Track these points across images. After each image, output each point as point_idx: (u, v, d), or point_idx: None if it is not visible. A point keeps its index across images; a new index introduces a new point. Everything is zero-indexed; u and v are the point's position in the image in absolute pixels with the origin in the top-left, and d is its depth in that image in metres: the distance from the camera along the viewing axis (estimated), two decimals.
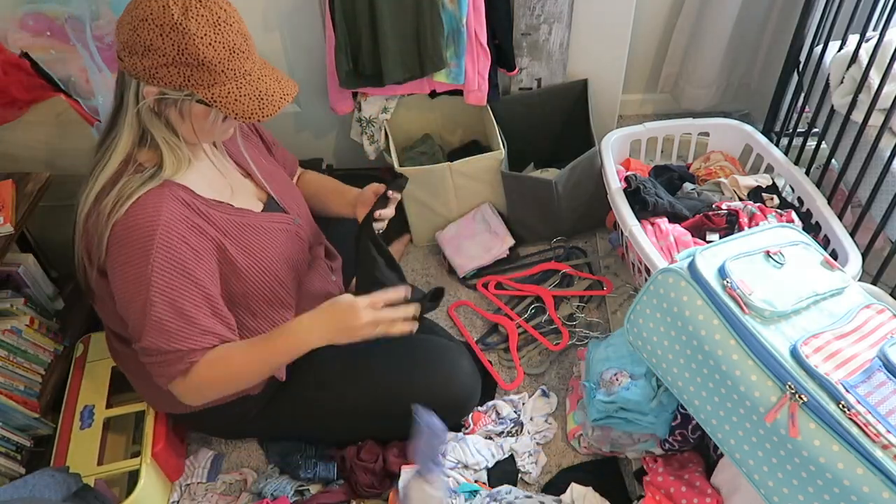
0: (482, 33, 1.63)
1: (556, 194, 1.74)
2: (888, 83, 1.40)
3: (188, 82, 1.01)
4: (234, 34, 1.02)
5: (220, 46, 1.00)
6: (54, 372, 1.50)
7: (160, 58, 0.99)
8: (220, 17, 1.00)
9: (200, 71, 1.00)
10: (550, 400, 1.53)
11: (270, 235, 1.23)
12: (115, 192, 1.05)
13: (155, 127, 1.07)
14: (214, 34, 0.99)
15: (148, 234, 1.04)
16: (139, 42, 0.99)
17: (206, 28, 0.99)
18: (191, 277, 1.08)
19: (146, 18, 0.98)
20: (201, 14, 0.98)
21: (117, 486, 1.38)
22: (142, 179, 1.07)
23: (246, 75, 1.05)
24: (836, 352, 1.03)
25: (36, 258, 1.57)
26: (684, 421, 1.29)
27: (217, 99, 1.03)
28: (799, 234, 1.27)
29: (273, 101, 1.07)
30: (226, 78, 1.03)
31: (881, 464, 0.91)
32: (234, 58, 1.02)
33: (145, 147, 1.09)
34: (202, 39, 0.98)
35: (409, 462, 1.38)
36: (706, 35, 1.97)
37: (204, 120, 1.08)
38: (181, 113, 1.06)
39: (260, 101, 1.05)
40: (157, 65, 1.00)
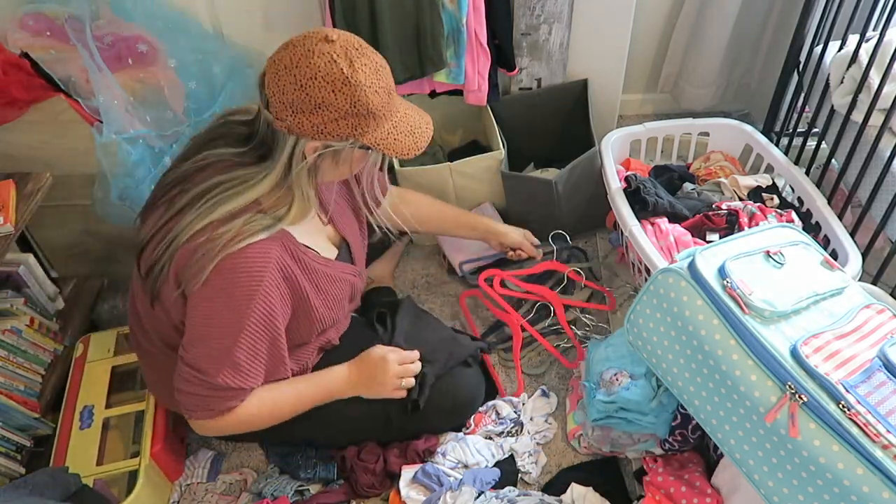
0: (482, 33, 1.63)
1: (556, 194, 1.74)
2: (888, 83, 1.40)
3: (355, 132, 1.02)
4: (388, 77, 1.04)
5: (383, 92, 1.02)
6: (54, 372, 1.50)
7: (332, 113, 0.99)
8: (377, 64, 1.02)
9: (368, 119, 1.02)
10: (550, 400, 1.53)
11: (340, 285, 1.24)
12: (235, 226, 1.03)
13: (301, 180, 1.07)
14: (377, 80, 1.01)
15: (256, 281, 1.05)
16: (309, 100, 0.98)
17: (371, 77, 1.00)
18: (278, 330, 1.11)
19: (315, 76, 0.97)
20: (364, 64, 1.00)
21: (117, 487, 1.38)
22: (264, 224, 1.06)
23: (396, 113, 1.07)
24: (836, 352, 1.03)
25: (36, 258, 1.57)
26: (684, 421, 1.29)
27: (379, 142, 1.04)
28: (799, 234, 1.27)
29: (423, 134, 1.09)
30: (384, 120, 1.04)
31: (881, 464, 0.91)
32: (390, 99, 1.04)
33: (277, 193, 1.08)
34: (370, 88, 1.00)
35: (409, 462, 1.39)
36: (706, 35, 1.97)
37: (362, 163, 1.11)
38: (336, 161, 1.07)
39: (413, 136, 1.07)
40: (327, 120, 1.00)
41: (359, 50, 1.00)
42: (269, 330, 1.10)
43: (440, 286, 1.83)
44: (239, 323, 1.06)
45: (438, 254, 1.89)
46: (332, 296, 1.22)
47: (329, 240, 1.28)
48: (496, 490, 1.34)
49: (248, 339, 1.08)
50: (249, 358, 1.10)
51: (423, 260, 1.91)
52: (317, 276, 1.18)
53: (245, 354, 1.09)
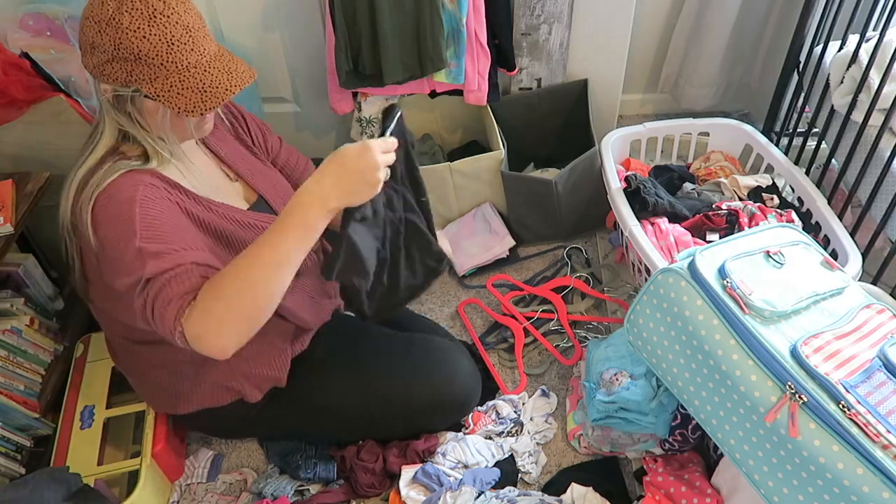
0: (482, 33, 1.63)
1: (556, 194, 1.74)
2: (888, 83, 1.40)
3: (131, 77, 1.01)
4: (172, 26, 1.00)
5: (156, 39, 0.99)
6: (54, 372, 1.50)
7: (102, 54, 1.00)
8: (156, 10, 0.99)
9: (140, 65, 1.00)
10: (550, 400, 1.53)
11: (254, 233, 1.20)
12: (99, 175, 1.05)
13: (124, 123, 1.07)
14: (149, 27, 0.98)
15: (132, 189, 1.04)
16: (85, 40, 1.01)
17: (140, 21, 0.98)
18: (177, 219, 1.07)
19: (88, 16, 0.99)
20: (135, 7, 0.98)
21: (117, 487, 1.38)
22: (127, 165, 1.07)
23: (190, 68, 1.03)
24: (836, 352, 1.03)
25: (36, 258, 1.57)
26: (684, 421, 1.29)
27: (160, 93, 1.02)
28: (799, 234, 1.27)
29: (217, 94, 1.04)
30: (167, 72, 1.01)
31: (881, 464, 0.91)
32: (173, 51, 1.00)
33: (130, 143, 1.10)
34: (135, 33, 0.98)
35: (409, 462, 1.39)
36: (706, 35, 1.97)
37: (155, 115, 1.07)
38: (137, 109, 1.06)
39: (203, 93, 1.03)
40: (101, 62, 1.00)
41: None
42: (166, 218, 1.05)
43: (440, 286, 1.83)
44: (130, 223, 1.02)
45: None
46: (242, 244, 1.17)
47: (241, 196, 1.27)
48: (496, 490, 1.34)
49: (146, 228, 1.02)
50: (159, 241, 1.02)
51: None
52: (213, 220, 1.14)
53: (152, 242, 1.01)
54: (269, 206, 1.30)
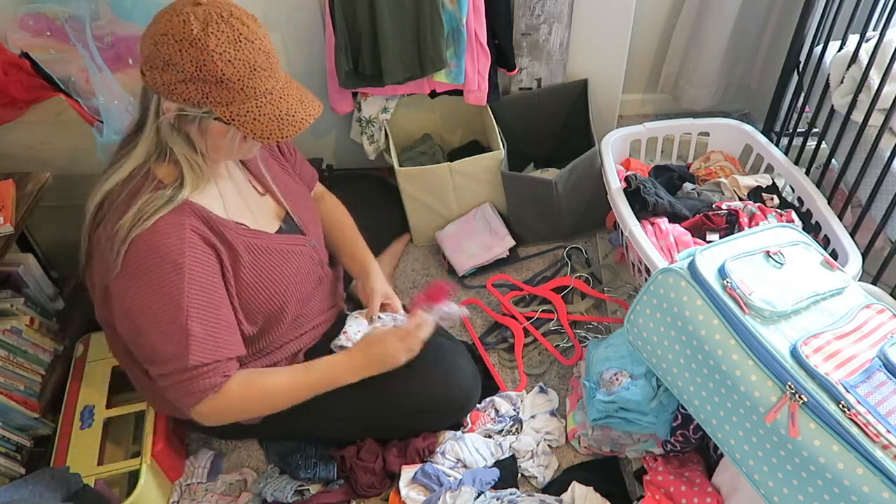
0: (482, 33, 1.63)
1: (556, 194, 1.74)
2: (888, 83, 1.40)
3: (206, 99, 1.00)
4: (255, 52, 0.99)
5: (240, 64, 0.98)
6: (54, 372, 1.50)
7: (179, 73, 0.98)
8: (241, 34, 0.98)
9: (219, 88, 0.99)
10: (550, 396, 1.52)
11: (284, 258, 1.23)
12: (135, 209, 1.04)
13: (175, 143, 1.06)
14: (234, 51, 0.97)
15: (177, 251, 1.04)
16: (159, 56, 0.98)
17: (226, 45, 0.97)
18: (220, 293, 1.11)
19: (167, 33, 0.97)
20: (222, 30, 0.97)
21: (117, 487, 1.38)
22: (163, 199, 1.06)
23: (266, 94, 1.03)
24: (836, 352, 1.03)
25: (36, 258, 1.57)
26: (685, 421, 1.28)
27: (235, 117, 1.01)
28: (799, 234, 1.27)
29: (294, 122, 1.04)
30: (245, 96, 1.01)
31: (881, 464, 0.91)
32: (254, 76, 1.00)
33: (164, 162, 1.08)
34: (221, 56, 0.97)
35: (408, 462, 1.39)
36: (706, 35, 1.97)
37: (222, 138, 1.06)
38: (200, 130, 1.05)
39: (280, 121, 1.03)
40: (175, 80, 0.98)
41: (223, 17, 0.97)
42: (211, 294, 1.08)
43: None
44: (178, 296, 1.04)
45: (438, 254, 1.89)
46: (274, 270, 1.20)
47: (272, 213, 1.27)
48: (496, 490, 1.34)
49: (195, 308, 1.06)
50: (205, 327, 1.07)
51: (423, 260, 1.91)
52: (247, 249, 1.16)
53: (199, 325, 1.06)
54: (295, 224, 1.30)
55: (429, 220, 1.87)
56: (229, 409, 1.15)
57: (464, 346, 1.55)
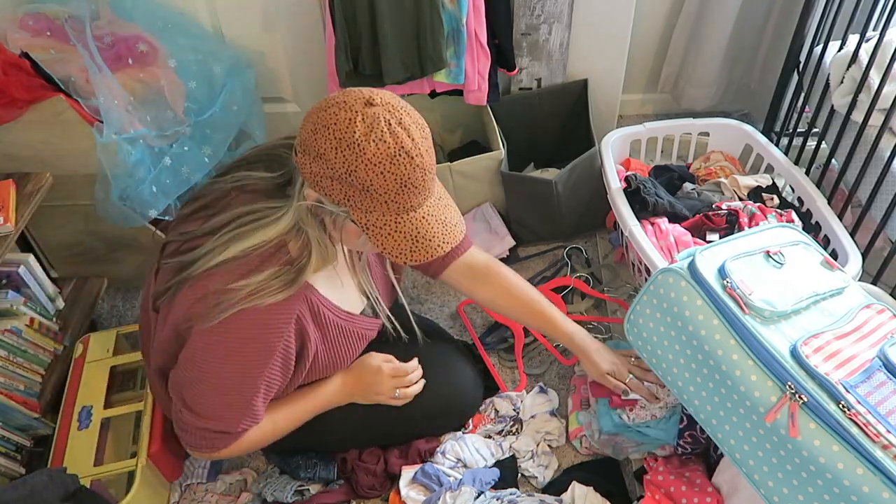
0: (482, 33, 1.63)
1: (556, 194, 1.74)
2: (888, 83, 1.40)
3: (348, 201, 0.95)
4: (412, 169, 0.93)
5: (392, 178, 0.92)
6: (54, 372, 1.50)
7: (328, 169, 0.93)
8: (403, 148, 0.92)
9: (363, 195, 0.94)
10: (550, 396, 1.52)
11: (358, 339, 1.23)
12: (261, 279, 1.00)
13: (309, 225, 1.02)
14: (390, 164, 0.91)
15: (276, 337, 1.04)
16: (314, 146, 0.93)
17: (384, 157, 0.91)
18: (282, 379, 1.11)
19: (328, 125, 0.92)
20: (384, 139, 0.91)
21: (115, 487, 1.38)
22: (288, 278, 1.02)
23: (409, 211, 0.97)
24: (836, 352, 1.03)
25: (36, 258, 1.57)
26: (691, 422, 1.28)
27: (370, 227, 0.97)
28: (799, 234, 1.27)
29: (430, 247, 0.98)
30: (387, 209, 0.95)
31: (881, 464, 0.91)
32: (402, 192, 0.94)
33: (298, 240, 1.04)
34: (375, 167, 0.91)
35: (409, 462, 1.39)
36: (706, 35, 1.97)
37: (354, 238, 1.03)
38: (333, 223, 1.02)
39: (415, 242, 0.98)
40: (323, 174, 0.94)
41: (390, 126, 0.91)
42: (279, 379, 1.11)
43: (440, 286, 1.83)
44: (258, 373, 1.06)
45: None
46: (343, 350, 1.20)
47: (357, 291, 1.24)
48: (496, 490, 1.34)
49: (265, 388, 1.09)
50: (262, 402, 1.12)
51: None
52: (331, 329, 1.15)
53: (261, 401, 1.11)
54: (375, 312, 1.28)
55: None
56: (240, 450, 1.17)
57: (464, 347, 1.55)
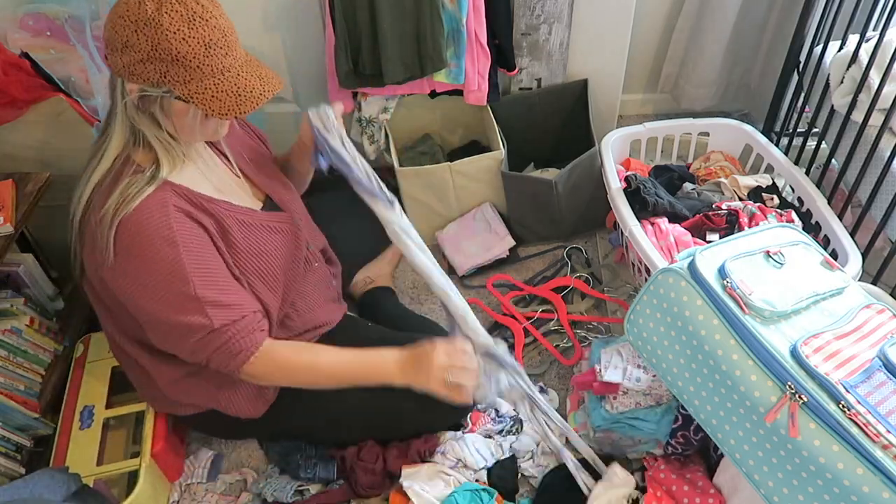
0: (482, 33, 1.63)
1: (556, 194, 1.74)
2: (888, 83, 1.40)
3: (165, 78, 1.01)
4: (210, 30, 1.01)
5: (195, 42, 0.99)
6: (54, 372, 1.50)
7: (136, 54, 0.99)
8: (195, 13, 0.99)
9: (176, 67, 1.00)
10: (550, 396, 1.53)
11: (271, 233, 1.24)
12: (117, 194, 1.05)
13: (143, 125, 1.07)
14: (189, 29, 0.98)
15: (166, 226, 1.05)
16: (118, 39, 0.99)
17: (180, 23, 0.98)
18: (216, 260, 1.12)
19: (123, 15, 0.98)
20: (175, 10, 0.98)
21: (117, 487, 1.38)
22: (144, 181, 1.07)
23: (224, 72, 1.04)
24: (836, 352, 1.03)
25: (36, 258, 1.57)
26: (686, 422, 1.28)
27: (194, 95, 1.02)
28: (799, 234, 1.27)
29: (252, 98, 1.06)
30: (202, 74, 1.02)
31: (881, 464, 0.91)
32: (210, 54, 1.01)
33: (140, 147, 1.09)
34: (175, 35, 0.98)
35: (409, 462, 1.39)
36: (706, 35, 1.97)
37: (184, 117, 1.07)
38: (163, 110, 1.06)
39: (238, 97, 1.04)
40: (134, 61, 0.99)
41: None
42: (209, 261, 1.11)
43: None
44: (179, 268, 1.06)
45: (438, 254, 1.89)
46: (260, 246, 1.20)
47: (251, 194, 1.28)
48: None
49: (198, 276, 1.08)
50: (214, 290, 1.10)
51: None
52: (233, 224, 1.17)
53: (208, 290, 1.09)
54: (275, 205, 1.31)
55: (429, 220, 1.87)
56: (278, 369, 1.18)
57: None
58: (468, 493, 1.31)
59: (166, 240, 1.05)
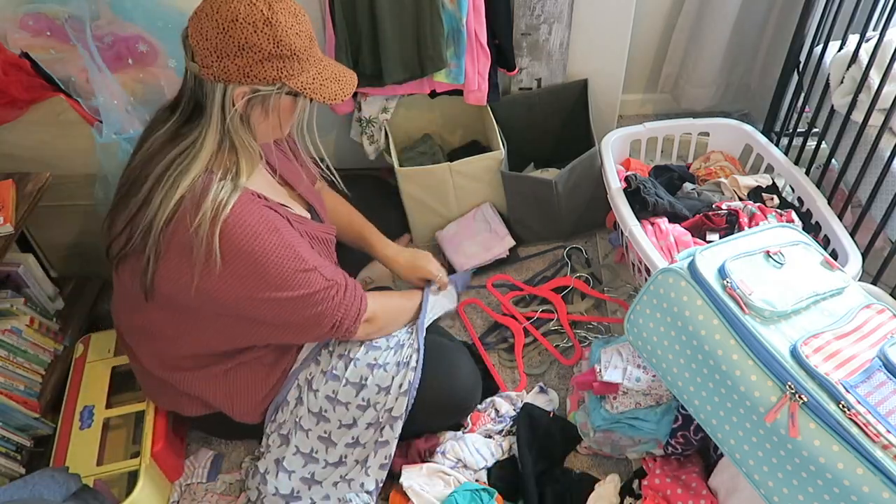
0: (482, 33, 1.63)
1: (556, 194, 1.74)
2: (888, 83, 1.40)
3: (281, 74, 1.04)
4: (307, 23, 1.07)
5: (304, 35, 1.05)
6: (54, 372, 1.50)
7: (256, 54, 1.01)
8: (295, 9, 1.05)
9: (292, 61, 1.04)
10: (550, 396, 1.52)
11: (318, 244, 1.27)
12: (209, 202, 1.05)
13: (238, 131, 1.08)
14: (297, 23, 1.04)
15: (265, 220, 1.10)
16: (232, 43, 1.00)
17: (291, 19, 1.03)
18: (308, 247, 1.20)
19: (236, 18, 1.00)
20: (284, 6, 1.03)
21: (117, 487, 1.38)
22: (230, 187, 1.08)
23: (321, 61, 1.10)
24: (836, 352, 1.03)
25: (36, 258, 1.57)
26: (686, 422, 1.28)
27: (306, 86, 1.07)
28: (799, 234, 1.27)
29: (348, 83, 1.12)
30: (310, 65, 1.07)
31: (881, 464, 0.91)
32: (312, 44, 1.08)
33: (223, 154, 1.10)
34: (290, 29, 1.02)
35: (409, 461, 1.39)
36: (706, 35, 1.97)
37: (291, 112, 1.12)
38: (266, 110, 1.09)
39: (338, 82, 1.11)
40: (252, 62, 1.02)
41: None
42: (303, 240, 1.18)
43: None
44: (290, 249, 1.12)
45: (438, 254, 1.89)
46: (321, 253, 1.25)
47: (298, 204, 1.31)
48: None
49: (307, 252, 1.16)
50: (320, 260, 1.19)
51: None
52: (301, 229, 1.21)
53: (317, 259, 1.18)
54: (317, 214, 1.35)
55: (429, 220, 1.87)
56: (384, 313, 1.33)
57: (464, 346, 1.55)
58: (468, 493, 1.31)
59: (270, 229, 1.10)
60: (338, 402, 1.30)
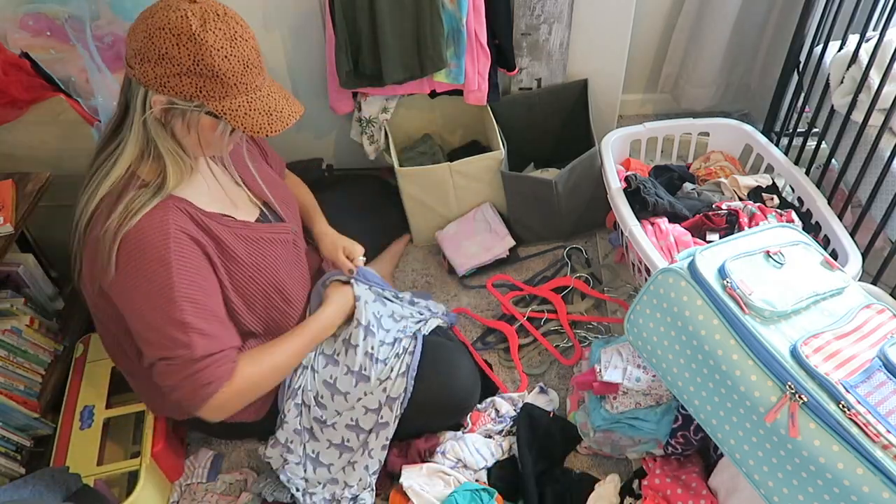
0: (482, 33, 1.63)
1: (556, 194, 1.74)
2: (888, 83, 1.40)
3: (199, 93, 1.02)
4: (248, 49, 1.03)
5: (235, 60, 1.01)
6: (54, 372, 1.50)
7: (174, 66, 0.99)
8: (236, 32, 1.02)
9: (213, 82, 1.01)
10: (550, 396, 1.52)
11: (270, 247, 1.24)
12: (121, 208, 1.05)
13: (160, 137, 1.07)
14: (230, 48, 1.01)
15: (162, 246, 1.05)
16: (153, 49, 0.99)
17: (223, 41, 1.00)
18: (210, 287, 1.12)
19: (163, 27, 0.98)
20: (219, 27, 1.00)
21: (117, 487, 1.38)
22: (148, 194, 1.07)
23: (256, 90, 1.06)
24: (836, 352, 1.03)
25: (36, 258, 1.57)
26: (686, 422, 1.28)
27: (227, 112, 1.04)
28: (799, 234, 1.27)
29: (282, 118, 1.08)
30: (237, 91, 1.04)
31: (881, 464, 0.91)
32: (247, 72, 1.03)
33: (148, 160, 1.09)
34: (218, 52, 0.99)
35: (409, 461, 1.39)
36: (706, 35, 1.97)
37: (211, 132, 1.08)
38: (187, 124, 1.06)
39: (269, 116, 1.07)
40: (169, 73, 1.00)
41: (220, 16, 1.01)
42: (201, 287, 1.10)
43: (440, 286, 1.83)
44: (169, 290, 1.06)
45: (438, 254, 1.89)
46: (262, 260, 1.22)
47: (249, 202, 1.28)
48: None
49: (187, 301, 1.07)
50: (200, 318, 1.09)
51: (423, 260, 1.91)
52: (234, 239, 1.17)
53: (194, 317, 1.08)
54: (273, 212, 1.31)
55: (429, 220, 1.87)
56: (244, 392, 1.16)
57: (463, 346, 1.55)
58: (468, 493, 1.31)
59: (161, 260, 1.05)
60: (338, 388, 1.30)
